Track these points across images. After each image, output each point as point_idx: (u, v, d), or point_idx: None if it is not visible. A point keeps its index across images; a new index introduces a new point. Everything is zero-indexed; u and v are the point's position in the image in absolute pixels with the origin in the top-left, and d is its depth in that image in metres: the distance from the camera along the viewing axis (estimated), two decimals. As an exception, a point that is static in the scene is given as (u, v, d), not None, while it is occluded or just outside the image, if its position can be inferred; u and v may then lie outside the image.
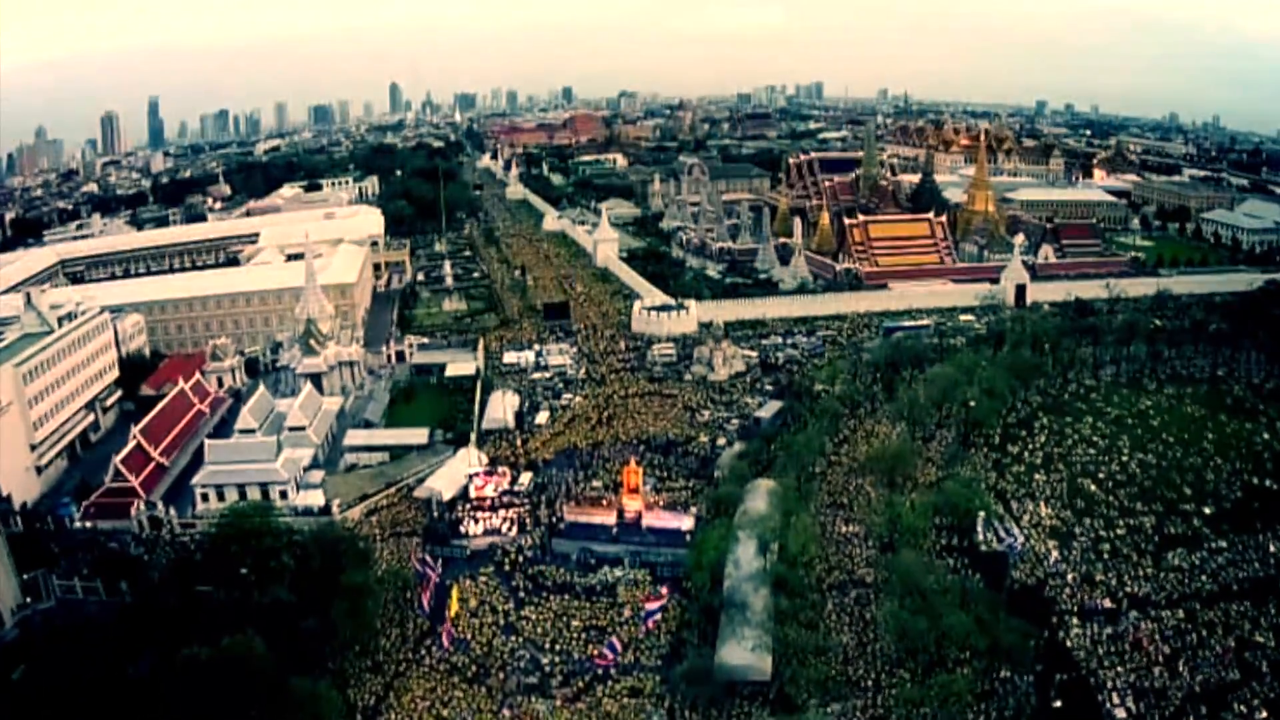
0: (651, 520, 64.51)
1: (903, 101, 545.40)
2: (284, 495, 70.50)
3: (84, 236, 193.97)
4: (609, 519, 64.72)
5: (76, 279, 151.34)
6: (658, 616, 54.15)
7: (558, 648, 53.34)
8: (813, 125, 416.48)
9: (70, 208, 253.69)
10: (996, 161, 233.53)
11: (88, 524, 69.10)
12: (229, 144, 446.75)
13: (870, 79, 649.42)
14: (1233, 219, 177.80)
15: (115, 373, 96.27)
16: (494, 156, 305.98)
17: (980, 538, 61.66)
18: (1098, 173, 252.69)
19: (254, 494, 70.43)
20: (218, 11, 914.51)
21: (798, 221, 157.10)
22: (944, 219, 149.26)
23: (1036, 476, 70.33)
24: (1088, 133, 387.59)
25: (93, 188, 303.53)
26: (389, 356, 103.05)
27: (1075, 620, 53.61)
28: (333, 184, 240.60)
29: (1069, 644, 51.34)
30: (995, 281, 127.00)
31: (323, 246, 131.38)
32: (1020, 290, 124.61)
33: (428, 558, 57.63)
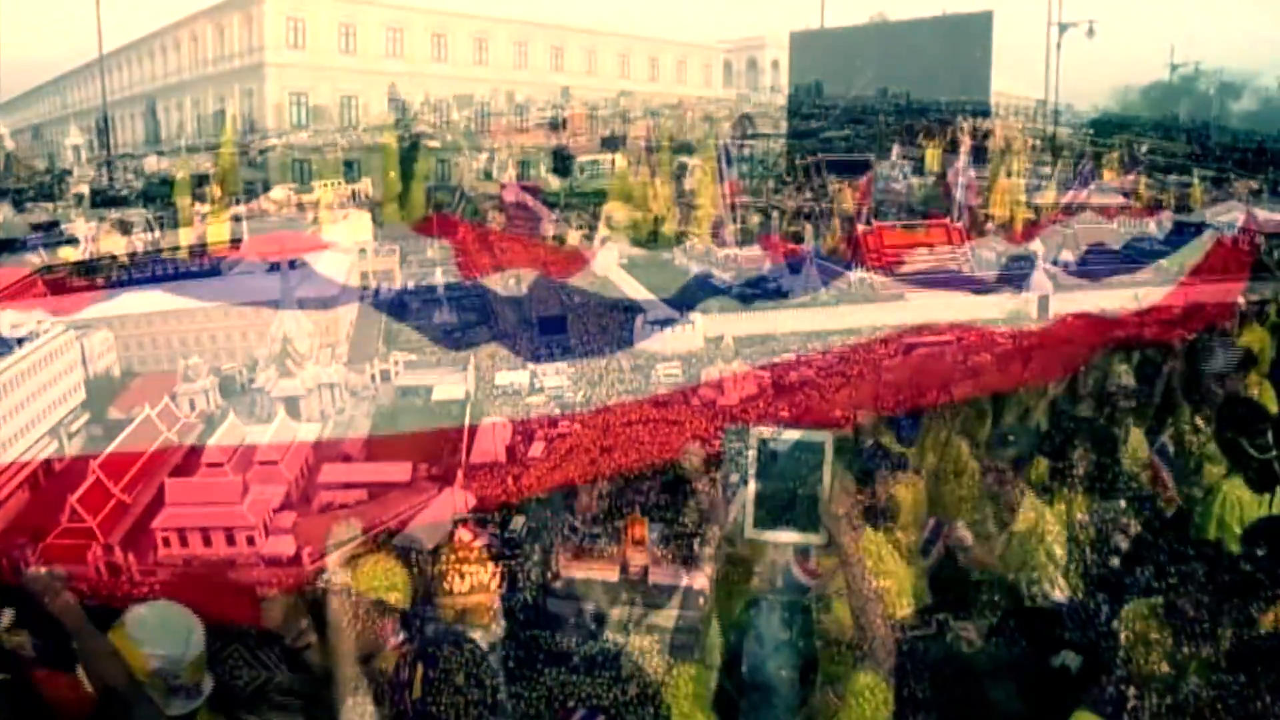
0: (659, 577, 58.14)
1: (904, 100, 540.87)
2: (251, 541, 64.40)
3: (68, 241, 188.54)
4: (611, 575, 58.29)
5: (58, 287, 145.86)
6: None
7: (553, 734, 47.27)
8: (814, 125, 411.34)
9: (60, 210, 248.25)
10: (1006, 162, 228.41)
11: (44, 570, 63.49)
12: (224, 143, 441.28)
13: (869, 78, 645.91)
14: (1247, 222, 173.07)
15: (81, 395, 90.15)
16: (491, 157, 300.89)
17: (1025, 592, 55.78)
18: (1107, 173, 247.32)
19: (219, 539, 64.38)
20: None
21: (807, 227, 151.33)
22: (960, 224, 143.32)
23: (1079, 516, 64.44)
24: (1090, 132, 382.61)
25: (83, 189, 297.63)
26: (372, 376, 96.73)
27: (1132, 690, 47.97)
28: (326, 185, 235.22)
29: None
30: (1017, 291, 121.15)
31: (306, 255, 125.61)
32: (1043, 302, 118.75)
33: (395, 633, 51.17)
